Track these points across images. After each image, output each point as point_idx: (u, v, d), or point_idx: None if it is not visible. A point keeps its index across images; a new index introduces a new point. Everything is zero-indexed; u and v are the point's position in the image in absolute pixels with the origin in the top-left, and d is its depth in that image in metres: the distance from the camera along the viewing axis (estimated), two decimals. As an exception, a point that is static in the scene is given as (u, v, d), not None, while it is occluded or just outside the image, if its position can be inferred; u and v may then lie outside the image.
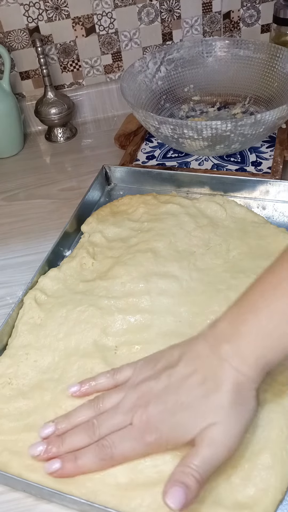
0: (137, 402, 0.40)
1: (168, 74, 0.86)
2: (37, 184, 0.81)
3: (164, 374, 0.40)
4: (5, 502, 0.44)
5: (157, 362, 0.42)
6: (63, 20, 0.87)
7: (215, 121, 0.66)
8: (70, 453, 0.40)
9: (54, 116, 0.88)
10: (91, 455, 0.40)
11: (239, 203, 0.68)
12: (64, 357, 0.51)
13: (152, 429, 0.39)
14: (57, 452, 0.41)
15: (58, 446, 0.41)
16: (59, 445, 0.41)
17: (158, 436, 0.39)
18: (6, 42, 0.87)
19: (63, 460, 0.40)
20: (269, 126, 0.69)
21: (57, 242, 0.64)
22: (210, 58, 0.86)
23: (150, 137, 0.85)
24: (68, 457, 0.40)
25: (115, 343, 0.51)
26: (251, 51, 0.83)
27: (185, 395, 0.39)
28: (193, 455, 0.37)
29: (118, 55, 0.93)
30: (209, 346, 0.40)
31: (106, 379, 0.44)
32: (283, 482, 0.40)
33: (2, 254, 0.69)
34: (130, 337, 0.52)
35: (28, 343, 0.53)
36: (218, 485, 0.40)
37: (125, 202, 0.71)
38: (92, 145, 0.90)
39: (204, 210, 0.67)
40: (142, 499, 0.40)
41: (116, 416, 0.40)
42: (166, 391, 0.39)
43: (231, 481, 0.40)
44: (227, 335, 0.40)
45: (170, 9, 0.90)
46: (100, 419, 0.41)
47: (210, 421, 0.37)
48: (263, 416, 0.43)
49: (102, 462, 0.40)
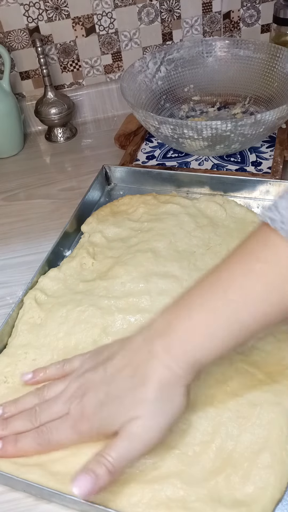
0: (76, 393, 0.42)
1: (168, 74, 0.86)
2: (37, 184, 0.81)
3: (102, 366, 0.42)
4: (5, 502, 0.44)
5: (100, 354, 0.43)
6: (63, 20, 0.87)
7: (215, 121, 0.66)
8: (12, 435, 0.43)
9: (54, 116, 0.88)
10: (30, 439, 0.42)
11: (239, 203, 0.68)
12: (63, 356, 0.51)
13: (84, 419, 0.40)
14: (3, 429, 0.43)
15: (2, 429, 0.43)
16: (3, 428, 0.43)
17: (89, 426, 0.40)
18: (6, 42, 0.87)
19: (4, 442, 0.43)
20: (269, 126, 0.69)
21: (57, 242, 0.64)
22: (210, 58, 0.86)
23: (150, 137, 0.85)
24: (9, 439, 0.43)
25: None
26: (251, 51, 0.83)
27: (115, 387, 0.40)
28: (110, 446, 0.38)
29: (118, 55, 0.93)
30: (143, 340, 0.41)
31: (56, 369, 0.46)
32: (282, 481, 0.40)
33: (2, 254, 0.69)
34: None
35: (27, 342, 0.53)
36: (217, 483, 0.40)
37: (125, 202, 0.71)
38: (92, 145, 0.90)
39: (204, 210, 0.67)
40: (142, 495, 0.40)
41: (56, 405, 0.42)
42: (101, 382, 0.41)
43: (230, 479, 0.40)
44: (160, 330, 0.40)
45: (170, 9, 0.90)
46: (42, 406, 0.43)
47: (133, 414, 0.38)
48: (263, 416, 0.43)
49: (39, 446, 0.42)
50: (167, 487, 0.40)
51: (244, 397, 0.45)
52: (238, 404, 0.45)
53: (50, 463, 0.43)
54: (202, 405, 0.45)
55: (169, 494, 0.40)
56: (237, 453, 0.42)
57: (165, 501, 0.40)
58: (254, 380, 0.46)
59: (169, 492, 0.40)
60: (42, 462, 0.43)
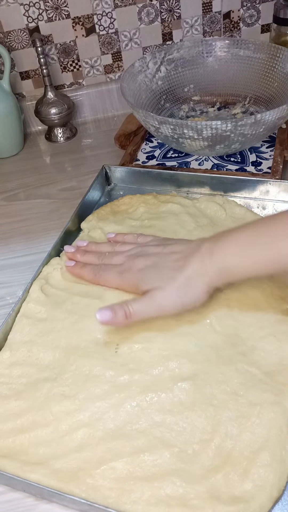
0: (134, 254, 0.55)
1: (168, 74, 0.86)
2: (37, 184, 0.81)
3: (163, 246, 0.54)
4: (5, 502, 0.44)
5: (168, 240, 0.56)
6: (63, 20, 0.87)
7: (215, 121, 0.66)
8: (82, 263, 0.59)
9: (54, 116, 0.88)
10: (90, 268, 0.57)
11: (239, 203, 0.68)
12: (64, 354, 0.51)
13: (129, 272, 0.53)
14: (77, 258, 0.60)
15: (80, 256, 0.60)
16: (81, 255, 0.60)
17: (130, 278, 0.53)
18: (6, 42, 0.87)
19: (76, 264, 0.59)
20: (269, 126, 0.69)
21: (57, 242, 0.64)
22: (210, 58, 0.86)
23: (150, 137, 0.85)
24: (78, 264, 0.59)
25: (117, 341, 0.51)
26: (251, 51, 0.83)
27: (161, 262, 0.51)
28: (135, 300, 0.50)
29: (118, 55, 0.93)
30: (199, 241, 0.51)
31: (132, 237, 0.60)
32: (281, 480, 0.40)
33: (2, 254, 0.69)
34: (131, 336, 0.52)
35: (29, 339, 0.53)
36: (216, 481, 0.41)
37: (125, 202, 0.71)
38: (92, 145, 0.90)
39: (204, 210, 0.67)
40: (142, 492, 0.40)
41: (117, 257, 0.56)
42: (154, 255, 0.53)
43: (229, 478, 0.41)
44: (212, 238, 0.50)
45: (170, 9, 0.90)
46: (110, 254, 0.57)
47: (161, 285, 0.49)
48: (263, 415, 0.44)
49: (93, 275, 0.56)
50: (167, 485, 0.41)
51: (244, 397, 0.45)
52: (238, 404, 0.45)
53: (53, 461, 0.43)
54: (202, 404, 0.45)
55: (168, 492, 0.40)
56: (236, 452, 0.42)
57: (165, 498, 0.40)
58: (254, 380, 0.47)
59: (168, 490, 0.40)
60: (45, 460, 0.43)
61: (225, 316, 0.52)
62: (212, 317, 0.52)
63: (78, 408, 0.46)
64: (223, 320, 0.52)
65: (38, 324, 0.54)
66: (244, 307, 0.52)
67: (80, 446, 0.44)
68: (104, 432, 0.44)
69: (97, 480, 0.41)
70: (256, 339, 0.50)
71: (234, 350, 0.49)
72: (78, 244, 0.62)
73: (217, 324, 0.51)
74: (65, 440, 0.45)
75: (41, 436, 0.45)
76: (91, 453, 0.43)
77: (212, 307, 0.52)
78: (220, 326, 0.51)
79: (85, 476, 0.42)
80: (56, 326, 0.54)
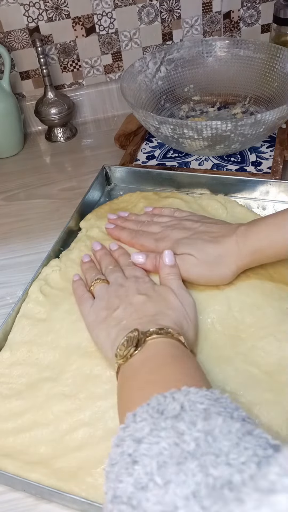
0: (171, 226, 0.58)
1: (168, 74, 0.86)
2: (37, 184, 0.82)
3: (200, 222, 0.57)
4: (5, 502, 0.44)
5: (207, 218, 0.59)
6: (63, 20, 0.87)
7: (215, 121, 0.66)
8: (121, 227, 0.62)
9: (54, 116, 0.88)
10: (128, 231, 0.61)
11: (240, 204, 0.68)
12: (64, 354, 0.51)
13: (164, 240, 0.56)
14: (117, 222, 0.64)
15: (121, 222, 0.63)
16: (122, 222, 0.63)
17: (165, 245, 0.56)
18: (6, 42, 0.87)
19: (116, 227, 0.63)
20: (269, 126, 0.69)
21: (57, 242, 0.64)
22: (210, 58, 0.86)
23: (150, 137, 0.85)
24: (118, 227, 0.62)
25: None
26: (251, 51, 0.83)
27: (197, 236, 0.54)
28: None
29: (118, 55, 0.93)
30: (236, 226, 0.54)
31: (169, 211, 0.63)
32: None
33: (2, 254, 0.69)
34: None
35: (29, 339, 0.53)
36: None
37: (125, 200, 0.71)
38: (92, 145, 0.90)
39: (206, 207, 0.67)
40: None
41: (155, 226, 0.60)
42: (190, 229, 0.56)
43: None
44: (248, 224, 0.53)
45: (170, 9, 0.90)
46: (150, 222, 0.61)
47: (194, 252, 0.53)
48: (263, 415, 0.44)
49: (131, 238, 0.60)
50: None
51: (243, 397, 0.45)
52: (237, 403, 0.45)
53: (53, 460, 0.43)
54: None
55: None
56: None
57: None
58: (254, 380, 0.47)
59: None
60: (46, 459, 0.43)
61: (226, 315, 0.52)
62: (213, 317, 0.52)
63: (79, 407, 0.46)
64: (224, 319, 0.52)
65: (38, 324, 0.54)
66: (244, 307, 0.52)
67: (80, 445, 0.44)
68: (105, 432, 0.44)
69: (97, 479, 0.41)
70: (256, 339, 0.50)
71: (234, 350, 0.49)
72: (120, 214, 0.65)
73: (217, 323, 0.51)
74: (66, 439, 0.45)
75: (41, 435, 0.45)
76: (91, 453, 0.43)
77: (213, 307, 0.53)
78: (220, 326, 0.51)
79: (85, 475, 0.42)
80: (55, 326, 0.54)
